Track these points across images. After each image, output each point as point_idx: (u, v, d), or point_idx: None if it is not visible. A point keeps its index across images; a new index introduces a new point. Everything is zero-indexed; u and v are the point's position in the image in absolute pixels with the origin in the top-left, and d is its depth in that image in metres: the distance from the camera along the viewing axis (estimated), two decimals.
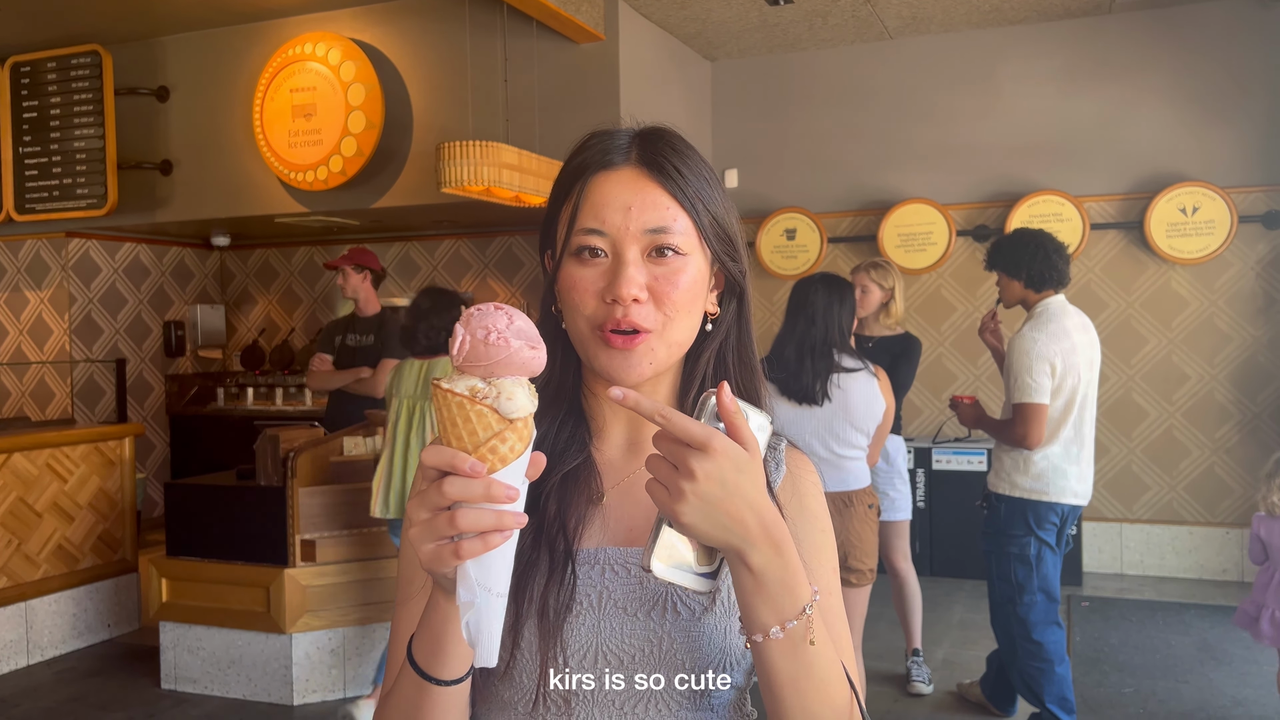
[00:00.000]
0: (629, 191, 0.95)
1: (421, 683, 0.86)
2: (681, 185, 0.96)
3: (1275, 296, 5.75)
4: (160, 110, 6.38)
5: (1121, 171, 5.99)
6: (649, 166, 0.96)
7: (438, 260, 7.46)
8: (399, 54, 5.77)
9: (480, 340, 0.75)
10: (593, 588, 0.94)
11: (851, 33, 6.25)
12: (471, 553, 0.74)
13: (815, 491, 1.02)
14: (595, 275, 0.94)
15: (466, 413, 0.75)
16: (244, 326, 8.03)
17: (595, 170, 0.97)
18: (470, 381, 0.76)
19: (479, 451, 0.75)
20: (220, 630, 4.31)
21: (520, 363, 0.76)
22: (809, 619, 0.83)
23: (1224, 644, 4.74)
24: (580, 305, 0.95)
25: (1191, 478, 5.93)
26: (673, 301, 0.94)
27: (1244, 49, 5.74)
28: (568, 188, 0.98)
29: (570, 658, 0.91)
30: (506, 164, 4.64)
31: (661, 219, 0.94)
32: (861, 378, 3.19)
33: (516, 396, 0.76)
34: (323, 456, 4.34)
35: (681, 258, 0.95)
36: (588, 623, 0.92)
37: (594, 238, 0.94)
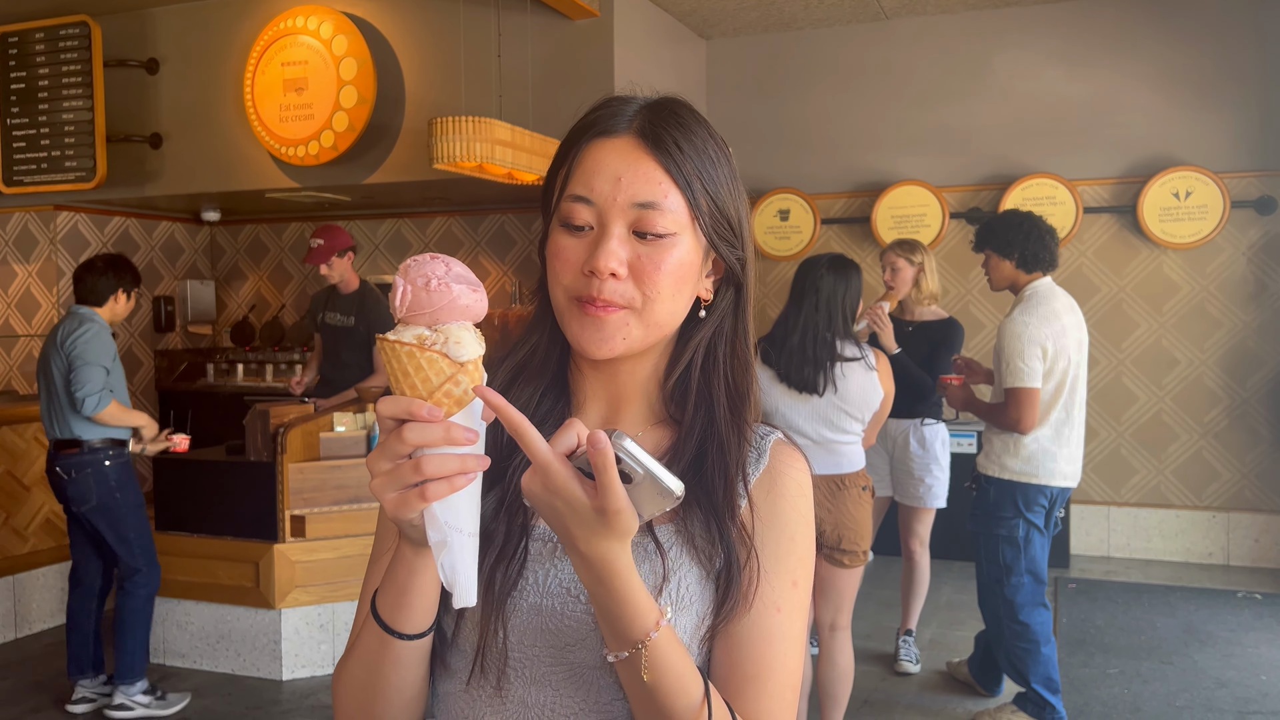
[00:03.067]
0: (621, 161, 0.91)
1: (384, 637, 0.86)
2: (679, 160, 0.91)
3: (1266, 282, 5.77)
4: (150, 83, 6.32)
5: (1115, 155, 5.98)
6: (646, 138, 0.92)
7: (429, 238, 7.43)
8: (392, 28, 5.72)
9: (421, 288, 0.76)
10: (540, 566, 0.92)
11: (848, 13, 6.21)
12: (437, 495, 0.75)
13: (796, 492, 0.97)
14: (579, 246, 0.92)
15: (417, 361, 0.75)
16: (234, 302, 7.98)
17: (593, 136, 0.93)
18: (416, 330, 0.76)
19: (434, 397, 0.75)
20: (209, 605, 4.32)
21: (463, 307, 0.77)
22: (642, 655, 0.81)
23: (1209, 626, 4.78)
24: (560, 274, 0.93)
25: (1179, 462, 5.96)
26: (654, 282, 0.91)
27: (1239, 33, 5.73)
28: (564, 151, 0.96)
29: (510, 633, 0.91)
30: (499, 140, 4.61)
31: (651, 193, 0.90)
32: (859, 368, 3.17)
33: (464, 340, 0.76)
34: (313, 432, 4.33)
35: (669, 237, 0.91)
36: (530, 599, 0.91)
37: (580, 206, 0.91)
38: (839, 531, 3.13)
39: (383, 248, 7.52)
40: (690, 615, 0.90)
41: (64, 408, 3.88)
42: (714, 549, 0.92)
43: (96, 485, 3.89)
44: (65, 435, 3.89)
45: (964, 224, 6.28)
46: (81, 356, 3.82)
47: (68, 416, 3.88)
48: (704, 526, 0.93)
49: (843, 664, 3.28)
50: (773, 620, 0.92)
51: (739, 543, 0.92)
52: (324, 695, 4.10)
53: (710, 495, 0.94)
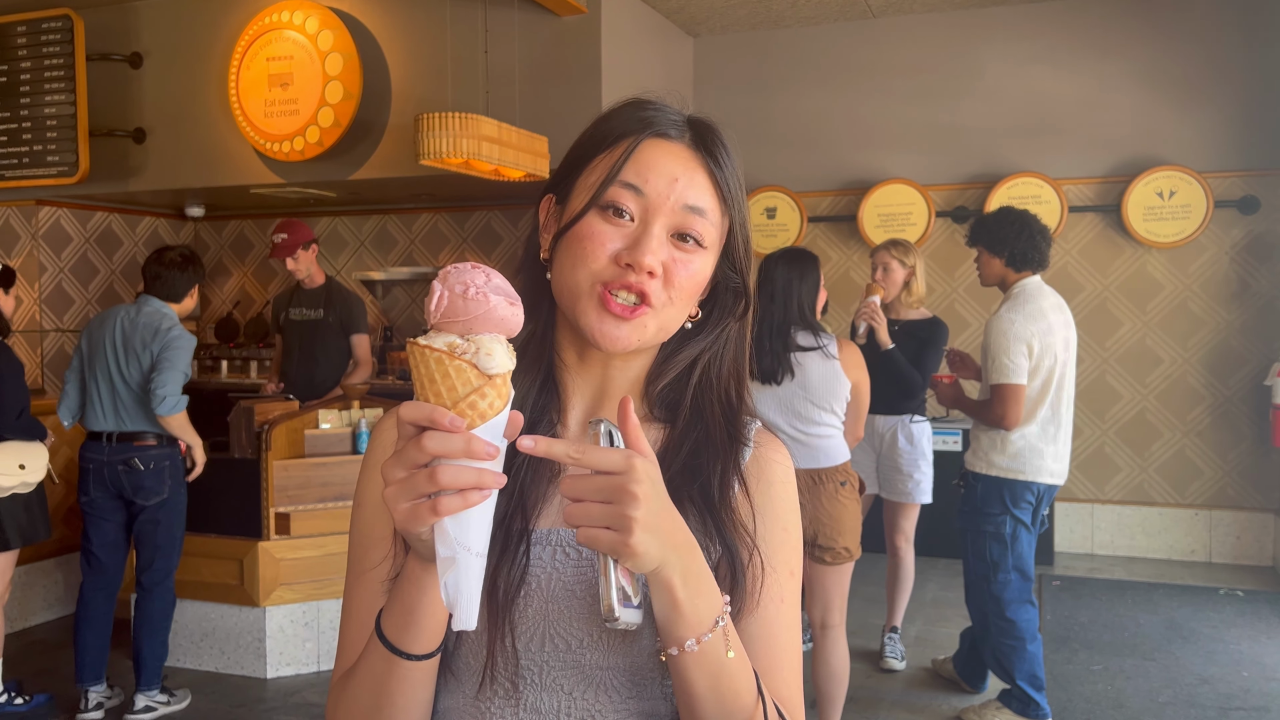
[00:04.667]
0: (679, 165, 0.93)
1: (391, 658, 0.83)
2: (727, 180, 0.95)
3: (1249, 281, 5.81)
4: (133, 77, 6.27)
5: (1100, 154, 6.01)
6: (703, 150, 0.95)
7: (415, 234, 7.40)
8: (378, 23, 5.69)
9: (459, 295, 0.74)
10: (543, 569, 0.92)
11: (835, 10, 6.22)
12: (450, 509, 0.73)
13: (783, 478, 0.99)
14: (617, 234, 0.92)
15: (445, 368, 0.73)
16: (218, 298, 7.94)
17: (651, 134, 0.95)
18: (448, 338, 0.74)
19: (458, 407, 0.74)
20: (193, 603, 4.29)
21: (499, 319, 0.75)
22: (724, 630, 0.82)
23: (1191, 623, 4.81)
24: (590, 257, 0.92)
25: (1163, 460, 6.00)
26: (679, 286, 0.93)
27: (1223, 33, 5.76)
28: (613, 140, 0.95)
29: (518, 639, 0.90)
30: (486, 137, 4.59)
31: (702, 200, 0.93)
32: (817, 356, 3.17)
33: (495, 353, 0.75)
34: (298, 429, 4.31)
35: (701, 250, 0.94)
36: (535, 604, 0.90)
37: (630, 195, 0.92)
38: (815, 527, 3.13)
39: (368, 244, 7.49)
40: None
41: (136, 400, 3.82)
42: (710, 544, 0.92)
43: (171, 479, 3.87)
44: (135, 428, 3.83)
45: (950, 222, 6.30)
46: (171, 360, 3.82)
47: (138, 409, 3.82)
48: (700, 524, 0.92)
49: (836, 664, 3.26)
50: (779, 611, 0.94)
51: (740, 544, 0.93)
52: (309, 693, 4.08)
53: (706, 495, 0.94)
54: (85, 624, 3.86)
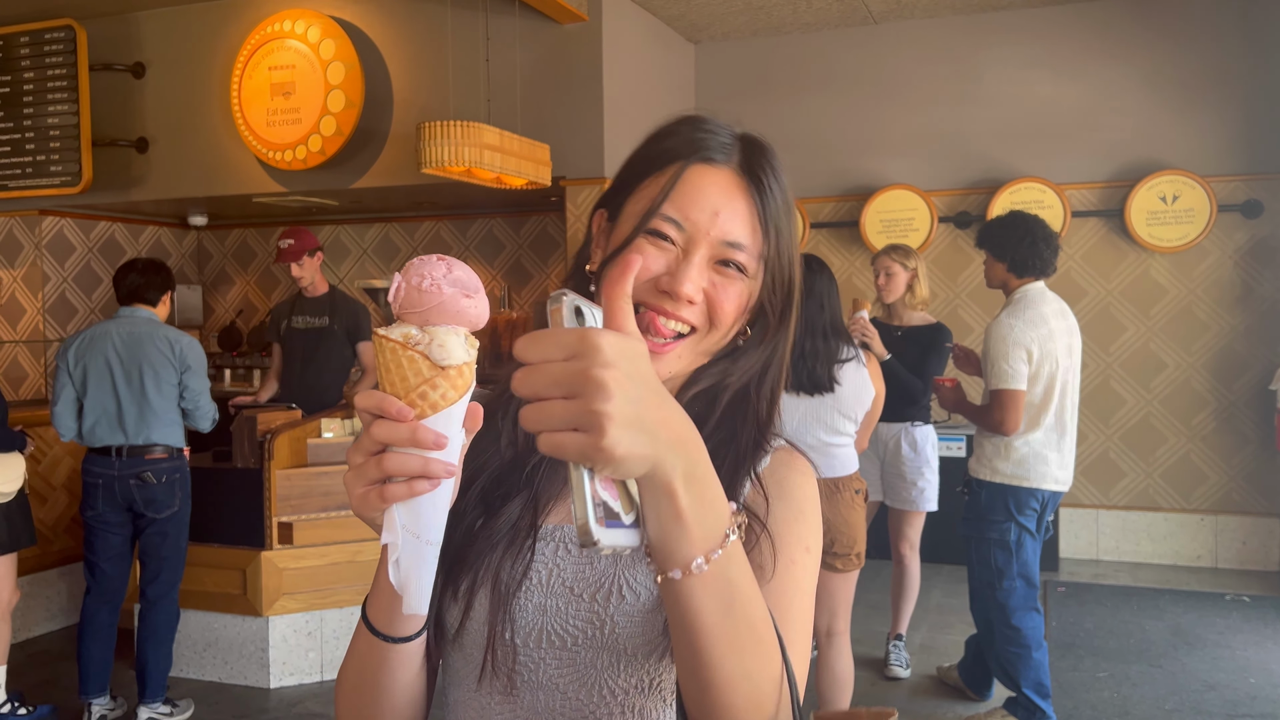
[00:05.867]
0: (722, 196, 0.94)
1: (373, 640, 0.86)
2: (771, 207, 0.96)
3: (1253, 285, 5.79)
4: (136, 87, 6.28)
5: (1103, 159, 6.00)
6: (749, 177, 0.96)
7: (417, 242, 7.41)
8: (379, 32, 5.70)
9: (415, 287, 0.75)
10: (544, 565, 0.92)
11: (836, 17, 6.22)
12: (395, 497, 0.74)
13: (800, 480, 0.97)
14: (662, 259, 0.93)
15: (399, 358, 0.74)
16: (221, 307, 7.95)
17: (697, 159, 0.95)
18: (405, 329, 0.75)
19: (409, 397, 0.75)
20: (196, 613, 4.28)
21: (454, 311, 0.75)
22: (736, 544, 0.71)
23: (1197, 629, 4.79)
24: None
25: (1168, 465, 5.98)
26: (723, 313, 0.94)
27: (1225, 37, 5.76)
28: (663, 163, 0.96)
29: (517, 633, 0.90)
30: (488, 145, 4.60)
31: (741, 234, 0.94)
32: (852, 366, 3.18)
33: (449, 345, 0.75)
34: (300, 438, 4.30)
35: (743, 277, 0.95)
36: (535, 600, 0.91)
37: (670, 227, 0.93)
38: (832, 534, 3.13)
39: (371, 252, 7.50)
40: None
41: (154, 412, 3.81)
42: None
43: (180, 491, 3.88)
44: (151, 440, 3.82)
45: (953, 228, 6.29)
46: (197, 372, 3.90)
47: (155, 421, 3.82)
48: None
49: (840, 671, 3.26)
50: (788, 575, 0.91)
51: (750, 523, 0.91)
52: (311, 704, 4.07)
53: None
54: (89, 636, 3.85)
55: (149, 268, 3.97)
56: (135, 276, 3.93)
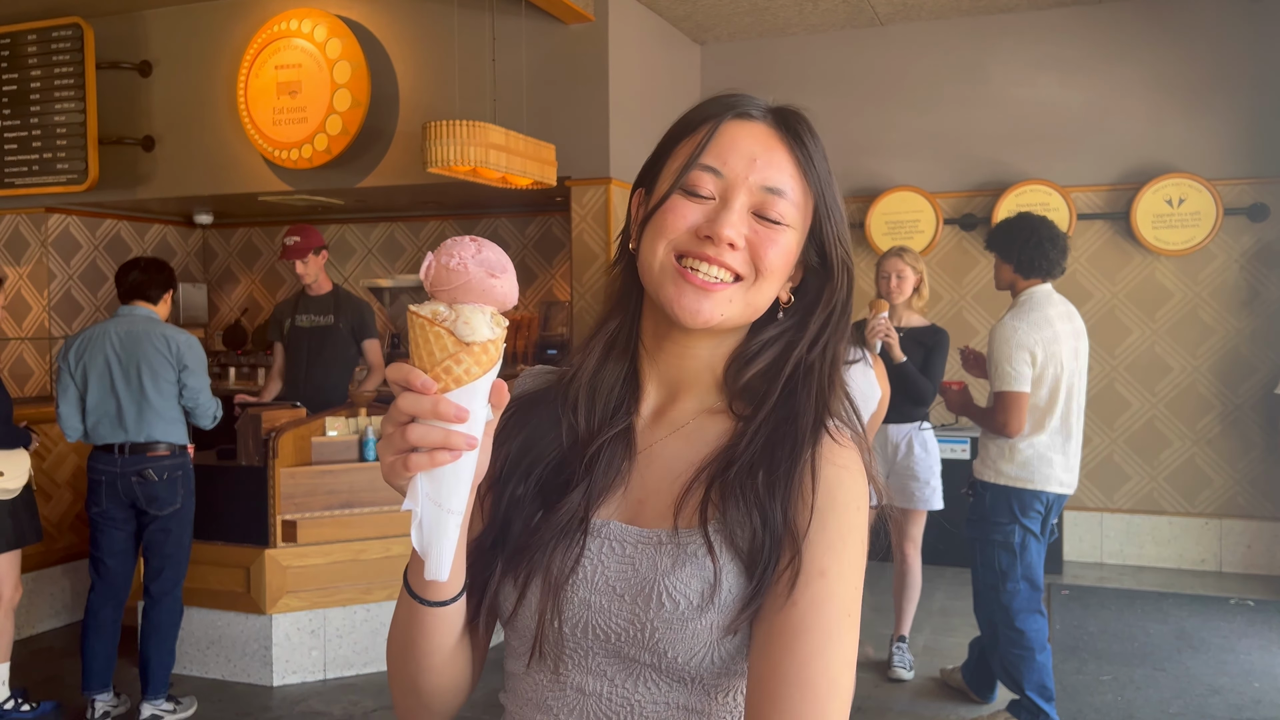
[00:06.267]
0: (758, 144, 0.94)
1: (412, 603, 0.89)
2: (811, 158, 0.96)
3: (1259, 289, 5.78)
4: (143, 85, 6.30)
5: (1109, 162, 5.99)
6: (784, 129, 0.96)
7: (422, 241, 7.41)
8: (386, 32, 5.71)
9: (443, 266, 0.78)
10: (591, 561, 0.93)
11: (842, 18, 6.22)
12: (418, 466, 0.77)
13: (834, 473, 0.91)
14: (699, 212, 0.92)
15: (426, 334, 0.77)
16: (226, 306, 7.96)
17: (730, 116, 0.96)
18: (435, 306, 0.78)
19: (434, 370, 0.77)
20: (200, 610, 4.29)
21: (481, 290, 0.78)
22: None
23: (1201, 633, 4.78)
24: (669, 230, 0.93)
25: (1172, 468, 5.97)
26: (768, 258, 0.92)
27: (1232, 40, 5.74)
28: (695, 126, 0.96)
29: (564, 623, 0.92)
30: (494, 144, 4.60)
31: (781, 181, 0.93)
32: (859, 368, 3.18)
33: (474, 322, 0.77)
34: (305, 437, 4.31)
35: (784, 227, 0.93)
36: (581, 594, 0.92)
37: (709, 177, 0.93)
38: None
39: (375, 251, 7.50)
40: (736, 613, 0.88)
41: (154, 410, 3.82)
42: (756, 553, 0.89)
43: (183, 488, 3.89)
44: (153, 438, 3.83)
45: (958, 230, 6.28)
46: (195, 370, 3.89)
47: (156, 418, 3.83)
48: (747, 523, 0.90)
49: None
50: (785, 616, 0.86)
51: (786, 545, 0.89)
52: (315, 702, 4.07)
53: (768, 495, 0.90)
54: (93, 632, 3.86)
55: (151, 266, 3.99)
56: (137, 274, 3.94)
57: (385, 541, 4.31)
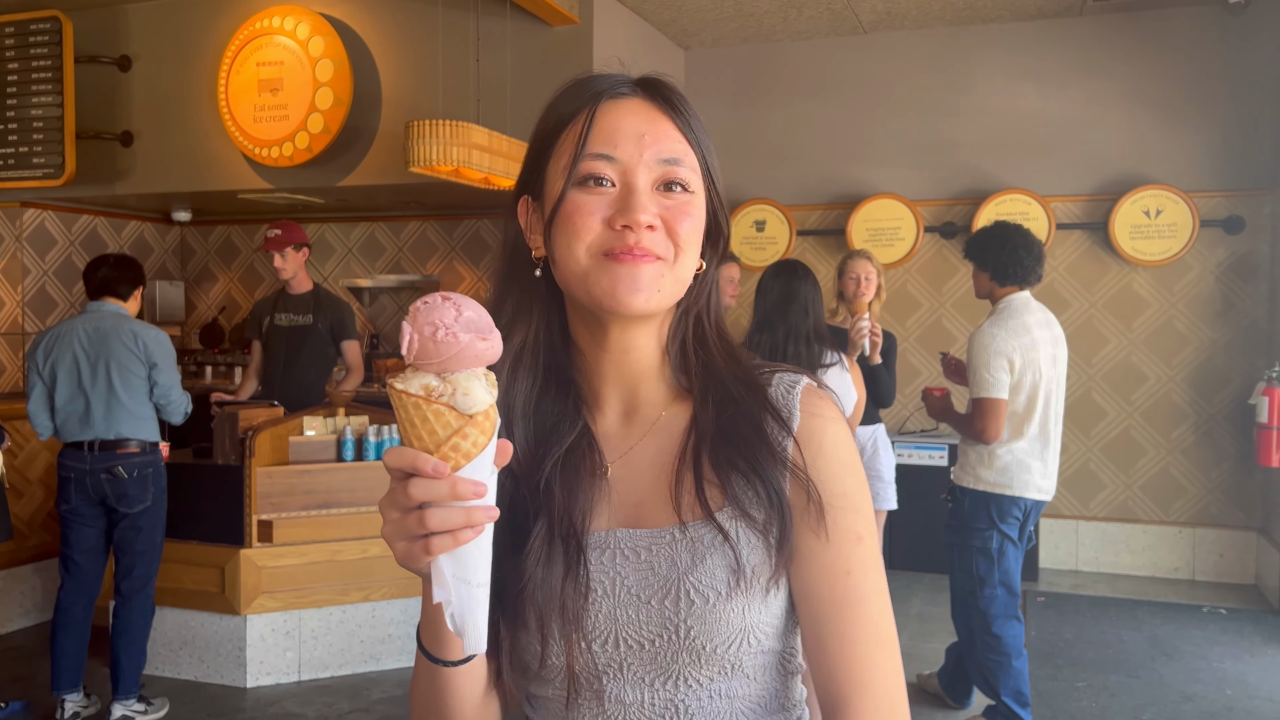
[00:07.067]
0: (641, 120, 0.92)
1: (430, 664, 0.88)
2: (690, 122, 0.94)
3: (1233, 300, 5.84)
4: (122, 80, 6.24)
5: (1088, 172, 6.05)
6: (659, 100, 0.95)
7: (403, 242, 7.38)
8: (369, 30, 5.69)
9: (429, 338, 0.72)
10: (605, 574, 0.91)
11: (826, 25, 6.25)
12: (442, 548, 0.74)
13: (834, 443, 0.92)
14: (603, 203, 0.90)
15: (424, 413, 0.73)
16: (203, 304, 7.89)
17: (604, 98, 0.93)
18: (424, 379, 0.73)
19: (441, 451, 0.73)
20: (173, 610, 4.24)
21: (473, 356, 0.73)
22: None
23: (1175, 640, 4.82)
24: (583, 231, 0.89)
25: (1147, 477, 6.02)
26: (684, 233, 0.91)
27: (1210, 54, 5.81)
28: (569, 117, 0.93)
29: (593, 643, 0.91)
30: (476, 145, 4.59)
31: (674, 150, 0.92)
32: (835, 371, 3.21)
33: (473, 391, 0.73)
34: (282, 436, 4.27)
35: (689, 194, 0.92)
36: (604, 609, 0.91)
37: (604, 164, 0.90)
38: None
39: (356, 251, 7.46)
40: (762, 589, 0.89)
41: (123, 406, 3.79)
42: (770, 513, 0.90)
43: (154, 485, 3.85)
44: (124, 434, 3.80)
45: (938, 238, 6.32)
46: (164, 367, 3.86)
47: (125, 415, 3.80)
48: (752, 491, 0.90)
49: None
50: (845, 585, 0.89)
51: (796, 491, 0.90)
52: (289, 703, 4.04)
53: (750, 456, 0.91)
54: (63, 631, 3.81)
55: (120, 262, 3.98)
56: (106, 270, 3.92)
57: (362, 543, 4.28)
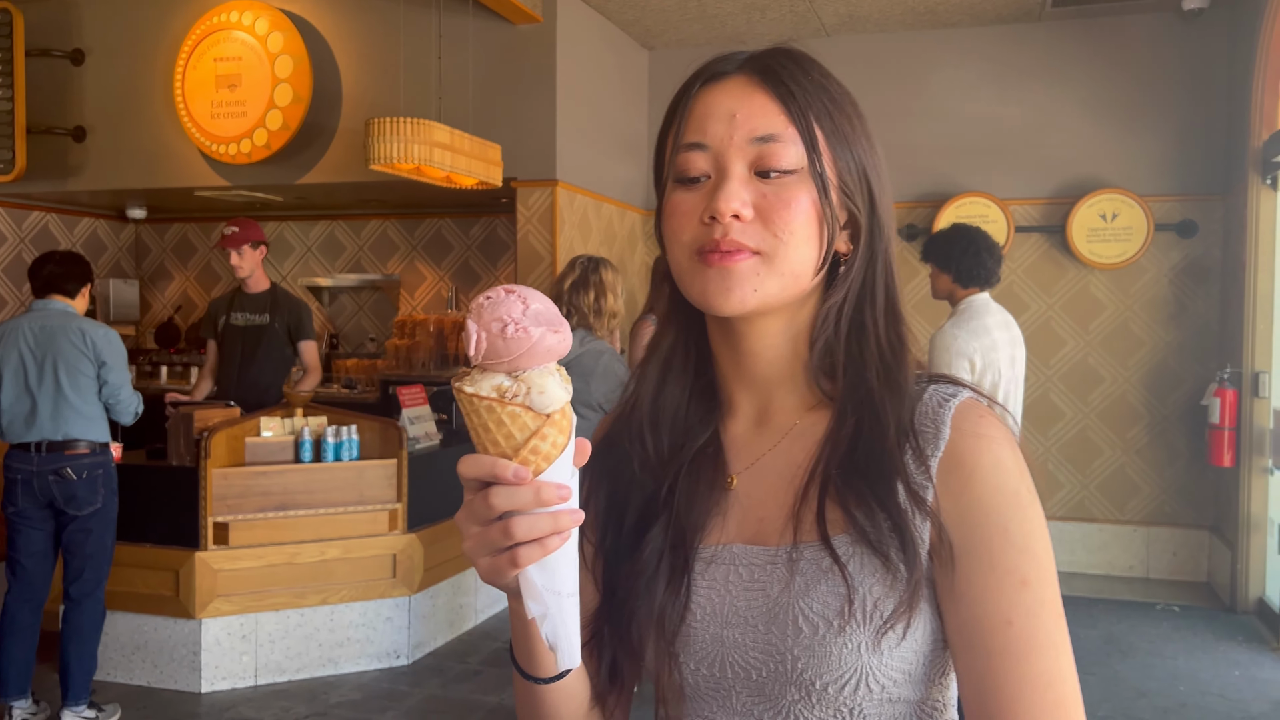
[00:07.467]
0: (734, 99, 0.84)
1: (526, 682, 0.84)
2: (796, 94, 0.84)
3: (1186, 303, 5.95)
4: (74, 74, 6.12)
5: (1046, 176, 6.12)
6: (760, 73, 0.85)
7: (364, 241, 7.31)
8: (329, 26, 5.62)
9: (497, 335, 0.67)
10: (714, 592, 0.85)
11: (789, 28, 6.27)
12: (530, 559, 0.69)
13: (993, 467, 0.80)
14: (696, 198, 0.83)
15: (498, 416, 0.68)
16: (159, 303, 7.76)
17: (700, 83, 0.87)
18: (494, 380, 0.68)
19: (520, 455, 0.68)
20: (125, 614, 4.16)
21: (545, 351, 0.68)
22: None
23: (1129, 638, 4.89)
24: (679, 231, 0.84)
25: (1103, 477, 6.10)
26: (784, 221, 0.81)
27: (1164, 61, 5.91)
28: (672, 109, 0.88)
29: (700, 665, 0.85)
30: (438, 143, 4.55)
31: (770, 125, 0.82)
32: None
33: (549, 388, 0.68)
34: (238, 436, 4.21)
35: (796, 174, 0.82)
36: (710, 631, 0.84)
37: (696, 153, 0.83)
38: None
39: (315, 250, 7.38)
40: (881, 627, 0.79)
41: (71, 406, 3.70)
42: (894, 547, 0.79)
43: (104, 487, 3.77)
44: (72, 435, 3.71)
45: (899, 240, 6.37)
46: (113, 366, 3.79)
47: (74, 416, 3.71)
48: (874, 522, 0.80)
49: None
50: (1006, 636, 0.77)
51: (924, 522, 0.79)
52: (244, 708, 3.97)
53: (877, 481, 0.81)
54: (10, 636, 3.72)
55: (67, 259, 3.91)
56: (53, 267, 3.85)
57: (321, 545, 4.23)
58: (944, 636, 0.81)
